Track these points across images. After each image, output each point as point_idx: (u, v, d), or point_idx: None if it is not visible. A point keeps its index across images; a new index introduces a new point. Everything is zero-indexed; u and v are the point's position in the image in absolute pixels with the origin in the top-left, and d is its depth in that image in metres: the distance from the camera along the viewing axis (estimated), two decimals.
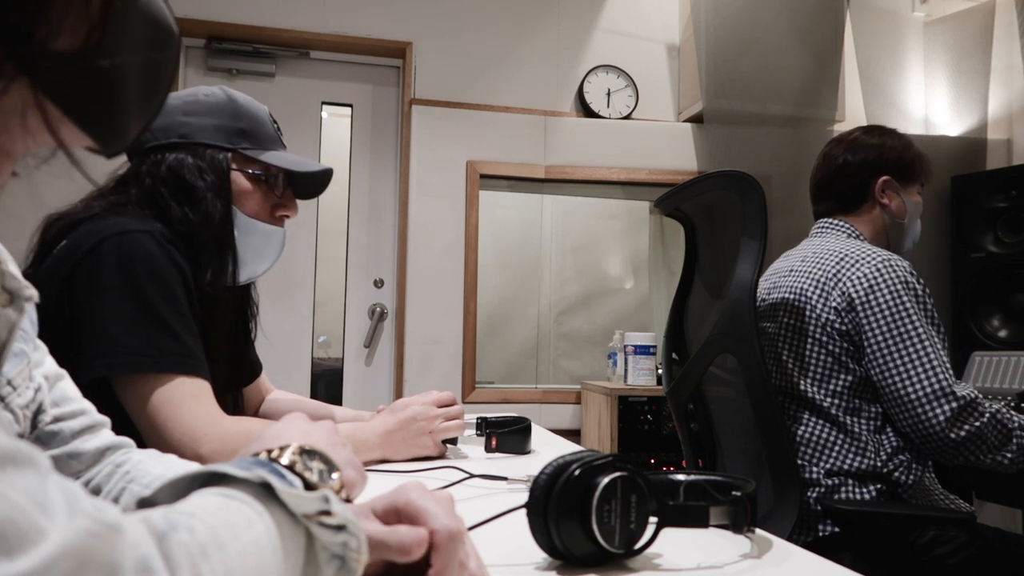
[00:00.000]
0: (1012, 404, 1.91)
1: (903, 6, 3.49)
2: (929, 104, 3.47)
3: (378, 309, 3.16)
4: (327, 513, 0.44)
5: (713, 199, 1.59)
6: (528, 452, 1.29)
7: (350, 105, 3.22)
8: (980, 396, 1.37)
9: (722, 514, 0.70)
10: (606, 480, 0.63)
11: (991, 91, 3.27)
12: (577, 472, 0.64)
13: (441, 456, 1.21)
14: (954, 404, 1.34)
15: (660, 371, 2.73)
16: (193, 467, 0.47)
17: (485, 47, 3.18)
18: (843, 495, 1.41)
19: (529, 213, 3.24)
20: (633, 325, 3.20)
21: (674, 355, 1.75)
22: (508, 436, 1.27)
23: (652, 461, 2.65)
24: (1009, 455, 1.36)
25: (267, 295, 3.04)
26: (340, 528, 0.44)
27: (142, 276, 1.01)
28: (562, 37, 3.26)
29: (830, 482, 1.41)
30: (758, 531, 0.76)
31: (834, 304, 1.43)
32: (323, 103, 3.19)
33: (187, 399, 0.99)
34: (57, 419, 0.73)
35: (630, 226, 3.38)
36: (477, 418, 1.32)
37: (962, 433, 1.33)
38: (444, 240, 3.03)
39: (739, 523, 0.71)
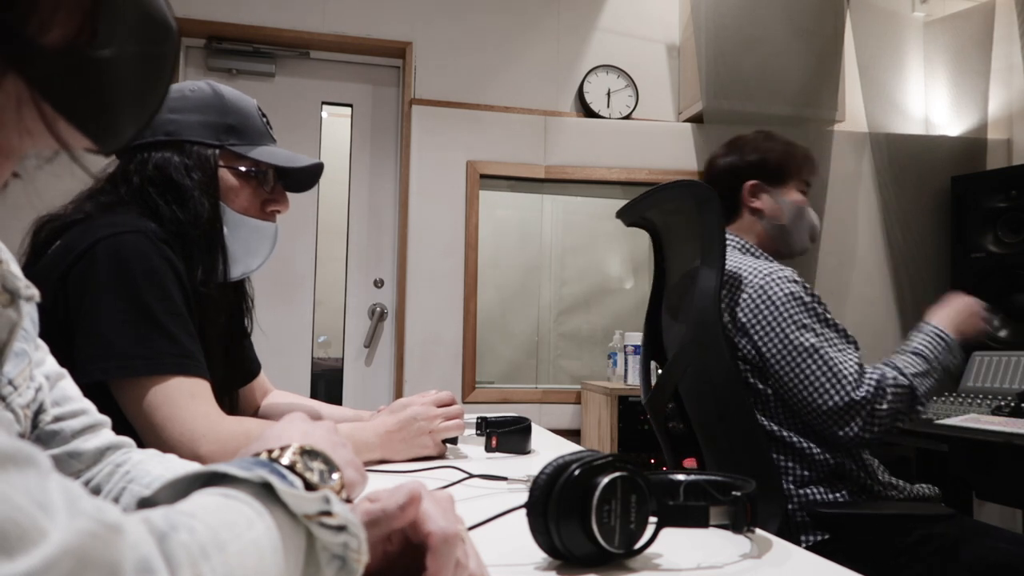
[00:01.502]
0: (1012, 404, 1.91)
1: (903, 6, 3.49)
2: (929, 104, 3.47)
3: (378, 309, 3.16)
4: (328, 514, 0.44)
5: (672, 208, 1.58)
6: (528, 452, 1.29)
7: (350, 105, 3.23)
8: (879, 378, 1.36)
9: (722, 514, 0.70)
10: (606, 480, 0.63)
11: (991, 91, 3.27)
12: (577, 472, 0.64)
13: (441, 456, 1.21)
14: (859, 419, 1.34)
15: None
16: (193, 467, 0.47)
17: (485, 47, 3.18)
18: (818, 499, 1.41)
19: (529, 213, 3.24)
20: (633, 325, 3.20)
21: (654, 363, 1.75)
22: (508, 436, 1.27)
23: (652, 461, 2.64)
24: (923, 404, 1.39)
25: (267, 295, 3.04)
26: (341, 529, 0.44)
27: (137, 277, 1.00)
28: (562, 37, 3.26)
29: (802, 492, 1.42)
30: (758, 531, 0.76)
31: (727, 331, 1.44)
32: (323, 103, 3.19)
33: (185, 399, 0.99)
34: (58, 419, 0.73)
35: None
36: (477, 418, 1.32)
37: (875, 430, 1.35)
38: (444, 240, 3.03)
39: (739, 523, 0.71)
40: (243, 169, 1.18)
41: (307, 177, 1.28)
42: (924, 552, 1.36)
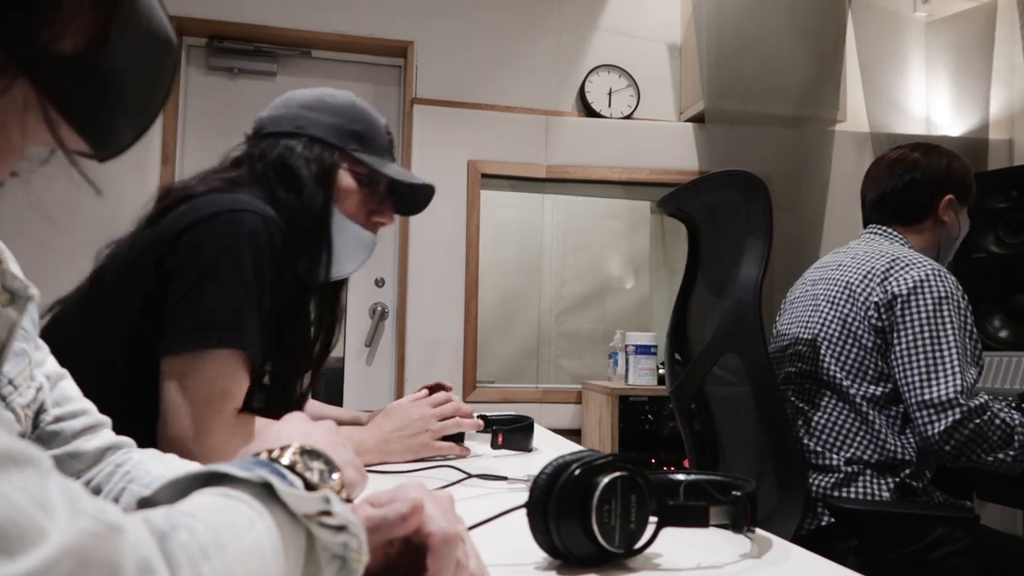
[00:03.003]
0: (1012, 404, 1.91)
1: (905, 6, 3.49)
2: (930, 104, 3.47)
3: (379, 309, 3.16)
4: (328, 514, 0.44)
5: (716, 199, 1.59)
6: (531, 450, 1.29)
7: None
8: (988, 401, 1.37)
9: (722, 514, 0.70)
10: (606, 480, 0.63)
11: (992, 91, 3.27)
12: (577, 472, 0.64)
13: (461, 456, 1.22)
14: (950, 420, 1.34)
15: (661, 371, 2.73)
16: (193, 467, 0.47)
17: (486, 47, 3.18)
18: (860, 484, 1.41)
19: (530, 213, 3.24)
20: (634, 325, 3.20)
21: (677, 355, 1.76)
22: (513, 433, 1.29)
23: (653, 461, 2.64)
24: (1012, 452, 1.36)
25: None
26: (341, 529, 0.44)
27: (245, 256, 1.02)
28: (563, 37, 3.26)
29: (849, 469, 1.42)
30: (758, 531, 0.76)
31: (876, 299, 1.45)
32: None
33: (219, 399, 0.99)
34: (58, 419, 0.73)
35: (631, 226, 3.38)
36: (478, 416, 1.33)
37: (952, 442, 1.34)
38: (445, 240, 3.03)
39: (739, 523, 0.71)
40: (359, 173, 1.22)
41: (418, 199, 1.32)
42: (938, 553, 1.36)
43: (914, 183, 1.61)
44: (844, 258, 1.59)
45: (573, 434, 3.01)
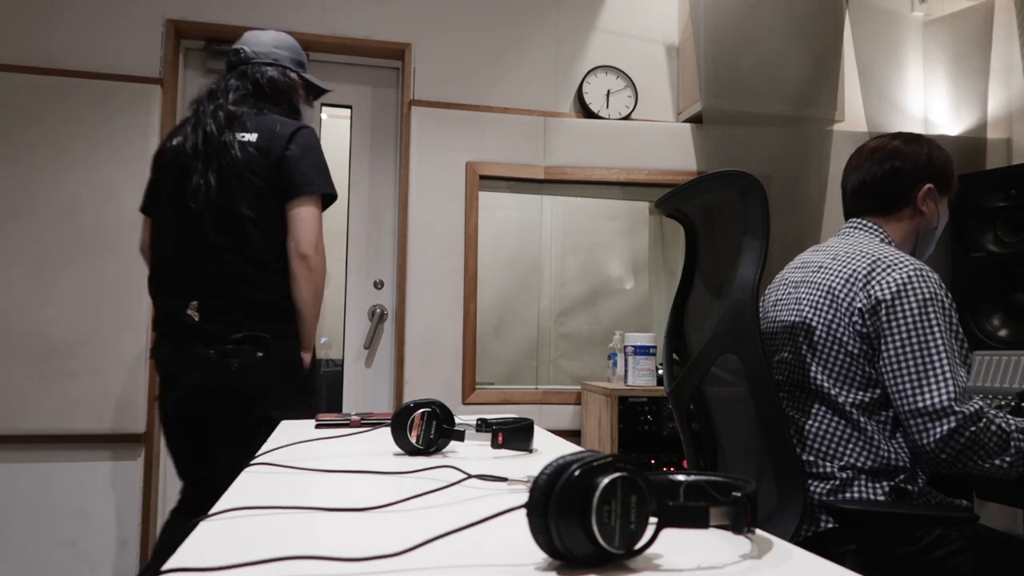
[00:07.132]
0: (1012, 404, 1.91)
1: (902, 6, 3.50)
2: (928, 103, 3.47)
3: (378, 310, 3.16)
4: None
5: (714, 199, 1.59)
6: (531, 451, 1.29)
7: (349, 106, 3.22)
8: (984, 407, 1.36)
9: (722, 515, 0.69)
10: (606, 480, 0.63)
11: (990, 90, 3.28)
12: (577, 472, 0.64)
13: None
14: (945, 428, 1.33)
15: (660, 371, 2.73)
16: None
17: (484, 48, 3.18)
18: (855, 489, 1.41)
19: (529, 214, 3.24)
20: (633, 326, 3.21)
21: (675, 356, 1.76)
22: (513, 433, 1.29)
23: (652, 462, 2.64)
24: (1008, 459, 1.36)
25: None
26: None
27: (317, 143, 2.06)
28: (561, 38, 3.26)
29: (844, 476, 1.41)
30: (758, 532, 0.76)
31: (859, 305, 1.43)
32: (322, 104, 3.19)
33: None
34: None
35: (630, 226, 3.38)
36: (477, 419, 1.33)
37: (948, 450, 1.34)
38: (444, 241, 3.03)
39: (739, 524, 0.70)
40: (306, 82, 2.24)
41: (320, 90, 2.27)
42: (938, 553, 1.36)
43: (894, 171, 1.61)
44: (824, 258, 1.57)
45: (573, 435, 3.01)
